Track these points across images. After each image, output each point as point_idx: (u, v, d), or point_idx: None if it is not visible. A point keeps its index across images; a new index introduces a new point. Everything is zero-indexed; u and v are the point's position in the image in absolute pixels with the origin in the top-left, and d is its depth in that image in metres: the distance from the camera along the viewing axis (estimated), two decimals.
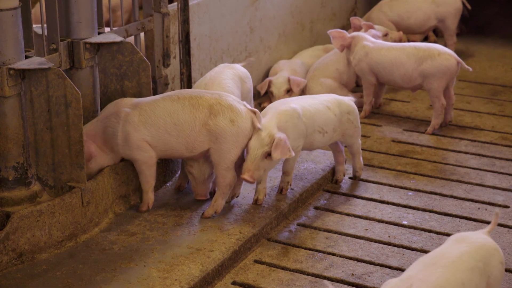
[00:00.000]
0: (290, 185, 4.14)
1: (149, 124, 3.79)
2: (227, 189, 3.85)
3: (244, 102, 3.89)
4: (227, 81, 4.21)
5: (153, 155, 3.83)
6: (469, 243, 2.88)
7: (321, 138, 4.11)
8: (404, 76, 5.07)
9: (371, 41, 5.21)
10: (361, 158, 4.44)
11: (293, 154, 3.81)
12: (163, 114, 3.80)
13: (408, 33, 6.30)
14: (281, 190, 4.12)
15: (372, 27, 5.55)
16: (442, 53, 4.97)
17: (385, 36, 5.70)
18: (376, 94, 5.41)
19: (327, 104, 4.15)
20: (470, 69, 4.99)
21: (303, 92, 5.50)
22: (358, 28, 5.59)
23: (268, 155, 3.80)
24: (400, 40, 5.79)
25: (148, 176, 3.86)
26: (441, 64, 4.96)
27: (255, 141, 3.80)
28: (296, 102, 4.06)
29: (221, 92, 3.90)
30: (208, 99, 3.81)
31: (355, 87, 5.68)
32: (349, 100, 4.27)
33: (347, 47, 5.28)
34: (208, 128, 3.77)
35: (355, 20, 5.65)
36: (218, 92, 3.89)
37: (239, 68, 4.40)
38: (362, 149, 4.89)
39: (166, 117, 3.79)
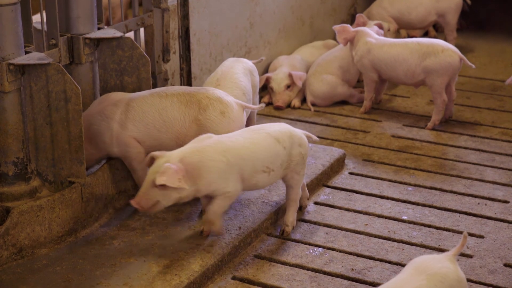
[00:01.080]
0: (212, 232, 3.62)
1: (137, 121, 3.75)
2: None
3: (232, 98, 3.86)
4: (239, 75, 4.22)
5: (141, 151, 3.79)
6: (429, 275, 2.73)
7: (267, 178, 3.61)
8: (407, 72, 5.06)
9: (374, 37, 5.20)
10: (295, 213, 3.85)
11: (185, 186, 3.34)
12: (152, 111, 3.75)
13: (409, 28, 6.30)
14: (201, 232, 3.66)
15: (381, 26, 5.53)
16: (446, 50, 4.96)
17: (388, 31, 5.70)
18: (377, 90, 5.40)
19: (276, 135, 3.63)
20: (473, 66, 4.99)
21: (302, 87, 5.50)
22: (363, 26, 5.55)
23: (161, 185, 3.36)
24: (395, 31, 5.79)
25: (140, 171, 3.82)
26: (444, 61, 4.95)
27: (152, 166, 3.41)
28: (229, 141, 3.53)
29: (208, 87, 3.89)
30: (196, 94, 3.78)
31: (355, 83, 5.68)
32: (302, 134, 3.76)
33: (351, 42, 5.27)
34: (199, 124, 3.74)
35: (360, 18, 5.63)
36: (204, 88, 3.87)
37: (247, 62, 4.42)
38: (362, 145, 4.90)
39: (155, 114, 3.75)
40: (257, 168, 3.55)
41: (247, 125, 4.03)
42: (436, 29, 6.82)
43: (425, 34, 6.67)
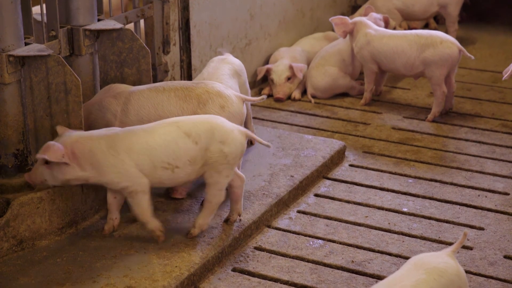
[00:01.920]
0: (150, 233, 3.52)
1: (132, 114, 3.74)
2: None
3: (232, 91, 3.82)
4: (225, 76, 4.18)
5: None
6: (427, 270, 2.73)
7: (170, 175, 3.42)
8: (406, 64, 5.05)
9: (374, 28, 5.19)
10: (210, 216, 3.57)
11: (68, 162, 3.28)
12: (147, 105, 3.73)
13: (411, 19, 6.28)
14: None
15: (387, 20, 5.50)
16: (444, 41, 4.95)
17: (394, 28, 5.68)
18: (377, 82, 5.40)
19: (187, 129, 3.41)
20: (472, 57, 4.98)
21: (303, 79, 5.49)
22: (373, 19, 5.50)
23: (46, 162, 3.34)
24: (399, 26, 5.79)
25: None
26: (443, 52, 4.94)
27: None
28: (126, 134, 3.41)
29: (208, 81, 3.85)
30: (195, 89, 3.75)
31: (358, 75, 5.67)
32: (237, 131, 3.47)
33: (350, 33, 5.26)
34: None
35: (369, 9, 5.60)
36: (204, 82, 3.84)
37: (234, 61, 4.33)
38: (362, 137, 4.89)
39: (150, 108, 3.72)
40: (156, 164, 3.37)
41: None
42: (437, 21, 6.81)
43: (426, 26, 6.66)
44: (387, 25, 5.48)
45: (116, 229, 3.61)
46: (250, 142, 4.42)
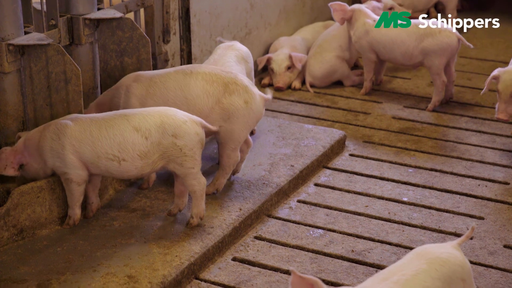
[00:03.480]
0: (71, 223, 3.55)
1: (158, 96, 3.74)
2: (230, 169, 3.84)
3: (257, 89, 3.81)
4: (231, 63, 4.19)
5: None
6: (429, 259, 2.70)
7: (118, 167, 3.41)
8: (405, 54, 5.04)
9: (372, 18, 5.17)
10: (202, 202, 3.54)
11: (10, 174, 3.46)
12: (174, 87, 3.74)
13: (412, 9, 6.26)
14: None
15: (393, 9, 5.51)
16: (443, 30, 4.94)
17: (390, 9, 5.66)
18: (376, 71, 5.39)
19: (136, 123, 3.41)
20: (471, 46, 4.96)
21: (303, 68, 5.48)
22: (372, 8, 5.48)
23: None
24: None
25: None
26: (442, 42, 4.93)
27: None
28: (73, 122, 3.43)
29: (236, 72, 3.85)
30: (223, 77, 3.75)
31: (353, 67, 5.66)
32: (190, 124, 3.43)
33: (348, 21, 5.25)
34: (222, 106, 3.71)
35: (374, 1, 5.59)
36: (232, 72, 3.83)
37: (240, 48, 4.37)
38: (363, 126, 4.89)
39: (177, 90, 3.73)
40: (100, 155, 3.38)
41: None
42: (437, 10, 6.79)
43: (427, 15, 6.64)
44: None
45: (95, 212, 3.64)
46: (251, 132, 4.42)
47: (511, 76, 4.37)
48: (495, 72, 4.44)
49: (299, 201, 4.03)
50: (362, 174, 4.31)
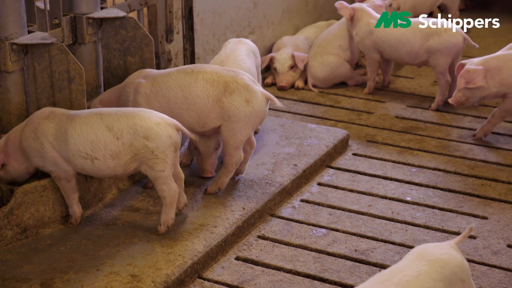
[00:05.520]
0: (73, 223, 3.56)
1: (160, 96, 3.74)
2: (233, 167, 3.84)
3: (260, 87, 3.80)
4: (242, 57, 4.20)
5: None
6: (430, 261, 2.71)
7: (92, 166, 3.39)
8: (410, 53, 5.03)
9: (375, 17, 5.16)
10: (171, 210, 3.49)
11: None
12: (175, 87, 3.74)
13: (415, 9, 6.25)
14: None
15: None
16: (449, 29, 4.93)
17: (389, 6, 5.65)
18: (384, 72, 5.38)
19: (109, 123, 3.38)
20: (477, 45, 4.96)
21: (304, 68, 5.48)
22: (373, 6, 5.46)
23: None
24: (399, 8, 5.76)
25: None
26: (448, 41, 4.93)
27: None
28: (50, 119, 3.42)
29: (238, 70, 3.83)
30: (224, 76, 3.74)
31: (355, 67, 5.65)
32: (163, 124, 3.39)
33: (349, 20, 5.23)
34: (222, 106, 3.71)
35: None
36: (234, 70, 3.82)
37: (249, 42, 4.39)
38: (365, 126, 4.88)
39: (177, 90, 3.73)
40: (73, 153, 3.37)
41: None
42: (441, 10, 6.78)
43: (430, 14, 6.63)
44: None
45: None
46: (254, 131, 4.42)
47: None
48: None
49: (302, 201, 4.03)
50: (365, 174, 4.30)
